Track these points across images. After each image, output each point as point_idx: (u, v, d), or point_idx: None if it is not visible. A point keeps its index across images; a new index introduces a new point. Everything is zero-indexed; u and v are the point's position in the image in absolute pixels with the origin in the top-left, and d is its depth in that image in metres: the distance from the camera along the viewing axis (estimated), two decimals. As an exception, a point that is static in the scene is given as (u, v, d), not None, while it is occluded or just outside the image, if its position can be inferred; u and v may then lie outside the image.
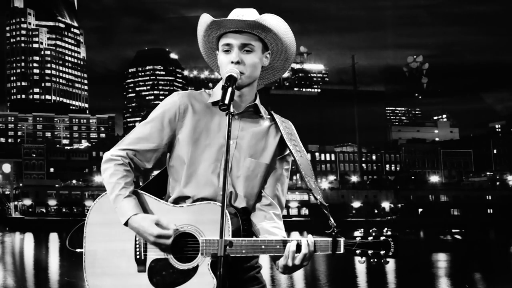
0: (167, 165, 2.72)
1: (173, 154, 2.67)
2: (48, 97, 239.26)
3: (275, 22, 2.59)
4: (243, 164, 2.62)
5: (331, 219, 2.52)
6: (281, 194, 2.73)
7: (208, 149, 2.60)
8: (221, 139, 2.60)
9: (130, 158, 2.63)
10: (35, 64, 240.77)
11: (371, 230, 2.45)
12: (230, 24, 2.56)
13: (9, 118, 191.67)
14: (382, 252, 2.43)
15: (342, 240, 2.44)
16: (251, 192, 2.64)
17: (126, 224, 2.53)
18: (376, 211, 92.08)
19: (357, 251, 2.43)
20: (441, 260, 30.50)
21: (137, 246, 2.55)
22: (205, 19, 2.60)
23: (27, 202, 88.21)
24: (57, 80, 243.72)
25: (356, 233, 2.46)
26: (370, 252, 2.43)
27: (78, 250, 2.67)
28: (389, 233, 2.45)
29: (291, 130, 2.76)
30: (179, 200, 2.62)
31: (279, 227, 2.64)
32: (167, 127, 2.64)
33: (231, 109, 2.37)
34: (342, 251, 2.44)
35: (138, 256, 2.55)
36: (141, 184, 2.78)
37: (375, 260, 2.43)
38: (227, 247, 2.31)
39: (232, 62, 2.55)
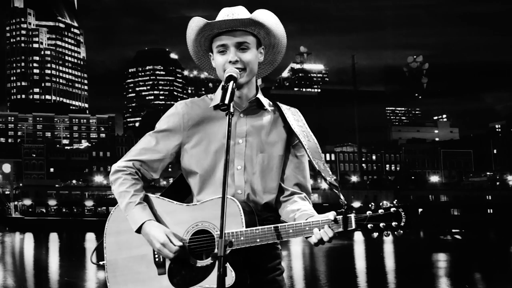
0: (184, 174, 2.73)
1: (184, 163, 2.68)
2: (48, 97, 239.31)
3: (266, 17, 2.59)
4: (256, 160, 2.63)
5: (342, 197, 2.53)
6: (304, 180, 2.75)
7: (218, 153, 2.61)
8: (229, 141, 2.62)
9: (137, 168, 2.65)
10: (35, 64, 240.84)
11: (381, 203, 2.44)
12: (224, 24, 2.55)
13: (9, 118, 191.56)
14: (394, 224, 2.40)
15: (352, 216, 2.43)
16: (270, 186, 2.66)
17: (138, 231, 2.56)
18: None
19: (369, 225, 2.41)
20: (441, 260, 30.49)
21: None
22: (197, 23, 2.58)
23: (27, 202, 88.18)
24: (57, 80, 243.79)
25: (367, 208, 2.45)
26: (382, 225, 2.41)
27: (101, 262, 2.71)
28: (399, 204, 2.43)
29: (297, 116, 2.76)
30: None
31: (304, 205, 2.66)
32: (173, 137, 2.66)
33: (231, 109, 2.38)
34: (353, 226, 2.43)
35: (157, 259, 2.57)
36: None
37: (388, 232, 2.41)
38: (227, 247, 2.27)
39: (230, 62, 2.55)
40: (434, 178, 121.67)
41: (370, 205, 2.43)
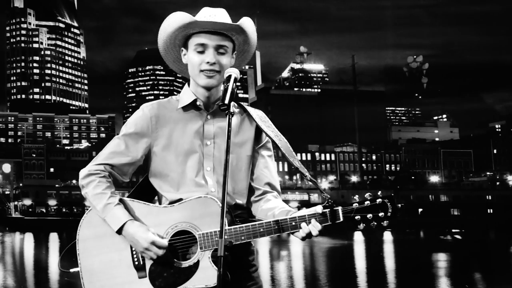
0: (150, 177, 2.69)
1: (153, 165, 2.66)
2: (48, 97, 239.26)
3: (250, 25, 2.61)
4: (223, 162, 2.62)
5: (324, 192, 2.54)
6: (272, 179, 2.74)
7: (187, 155, 2.60)
8: (197, 141, 2.61)
9: (109, 171, 2.62)
10: (35, 64, 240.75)
11: (366, 195, 2.46)
12: (210, 26, 2.55)
13: (9, 118, 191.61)
14: (380, 214, 2.42)
15: (339, 208, 2.44)
16: (240, 186, 2.65)
17: (119, 231, 2.51)
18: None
19: (356, 217, 2.42)
20: (441, 260, 30.47)
21: (134, 252, 2.54)
22: (182, 19, 2.57)
23: (27, 202, 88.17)
24: (57, 80, 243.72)
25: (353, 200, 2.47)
26: (369, 216, 2.42)
27: (72, 270, 2.64)
28: (384, 194, 2.46)
29: (264, 117, 2.75)
30: (174, 202, 2.61)
31: (280, 203, 2.66)
32: (141, 140, 2.63)
33: (231, 109, 2.37)
34: (341, 219, 2.43)
35: (136, 263, 2.53)
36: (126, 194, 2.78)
37: (375, 223, 2.42)
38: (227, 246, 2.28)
39: (207, 63, 2.55)
40: (434, 178, 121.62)
41: (356, 197, 2.47)
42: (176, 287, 2.47)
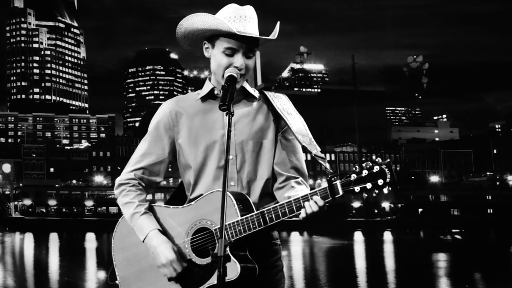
0: (180, 172, 2.74)
1: (179, 159, 2.70)
2: (48, 97, 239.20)
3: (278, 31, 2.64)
4: (246, 148, 2.63)
5: (327, 166, 2.48)
6: (299, 163, 2.71)
7: (208, 146, 2.63)
8: (219, 131, 2.62)
9: (139, 177, 2.68)
10: (35, 64, 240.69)
11: (363, 164, 2.38)
12: (249, 38, 2.55)
13: (9, 118, 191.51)
14: (380, 182, 2.35)
15: (338, 182, 2.39)
16: (262, 171, 2.65)
17: (144, 240, 2.61)
18: (376, 211, 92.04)
19: (356, 189, 2.37)
20: (441, 260, 30.50)
21: None
22: (216, 23, 2.53)
23: (27, 202, 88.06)
24: (57, 80, 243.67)
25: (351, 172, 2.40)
26: (368, 185, 2.36)
27: (117, 281, 2.76)
28: (380, 161, 2.37)
29: (284, 100, 2.74)
30: (193, 200, 2.65)
31: (300, 189, 2.60)
32: (165, 136, 2.68)
33: (232, 109, 2.40)
34: (341, 193, 2.39)
35: None
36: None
37: (376, 191, 2.36)
38: (227, 246, 2.28)
39: (235, 67, 2.55)
40: (434, 178, 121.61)
41: (354, 168, 2.39)
42: (202, 284, 2.51)
